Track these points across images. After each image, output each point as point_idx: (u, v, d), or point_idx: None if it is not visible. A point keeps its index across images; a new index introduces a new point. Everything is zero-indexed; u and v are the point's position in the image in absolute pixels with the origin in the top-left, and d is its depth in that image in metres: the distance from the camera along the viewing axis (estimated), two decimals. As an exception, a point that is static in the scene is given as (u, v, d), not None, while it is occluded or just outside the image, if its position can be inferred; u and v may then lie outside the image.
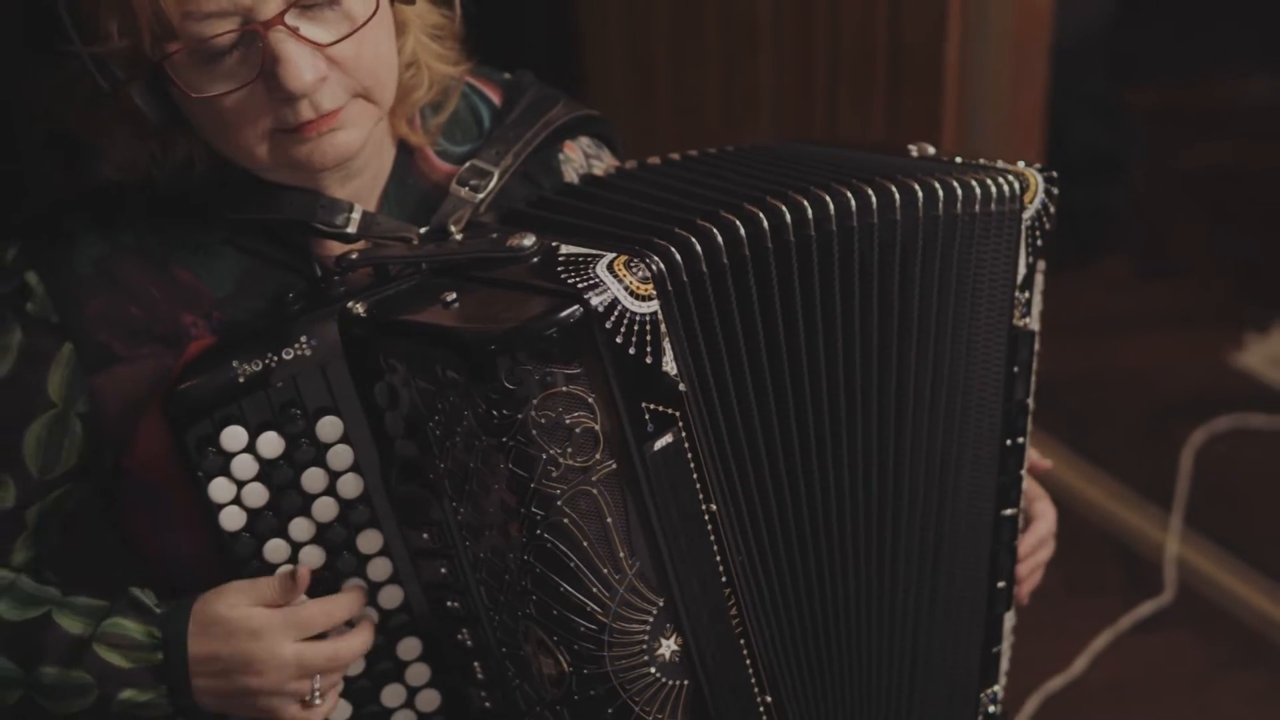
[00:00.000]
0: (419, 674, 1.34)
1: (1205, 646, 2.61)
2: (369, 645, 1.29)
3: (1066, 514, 1.53)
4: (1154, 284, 3.08)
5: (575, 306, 1.15)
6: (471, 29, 1.41)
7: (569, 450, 1.17)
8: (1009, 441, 1.45)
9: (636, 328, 1.17)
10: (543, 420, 1.15)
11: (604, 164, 1.50)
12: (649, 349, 1.19)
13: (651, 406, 1.20)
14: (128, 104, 1.21)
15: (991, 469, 1.44)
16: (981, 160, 1.43)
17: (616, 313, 1.16)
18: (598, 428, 1.17)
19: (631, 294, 1.17)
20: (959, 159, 1.43)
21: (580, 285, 1.16)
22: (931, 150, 1.47)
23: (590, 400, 1.16)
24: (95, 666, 1.24)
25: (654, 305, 1.18)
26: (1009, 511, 1.47)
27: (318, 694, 1.26)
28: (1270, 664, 2.60)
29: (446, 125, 1.40)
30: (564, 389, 1.15)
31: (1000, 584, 1.49)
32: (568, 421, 1.16)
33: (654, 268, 1.20)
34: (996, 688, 1.54)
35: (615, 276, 1.17)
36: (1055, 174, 1.42)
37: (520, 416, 1.15)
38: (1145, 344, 2.38)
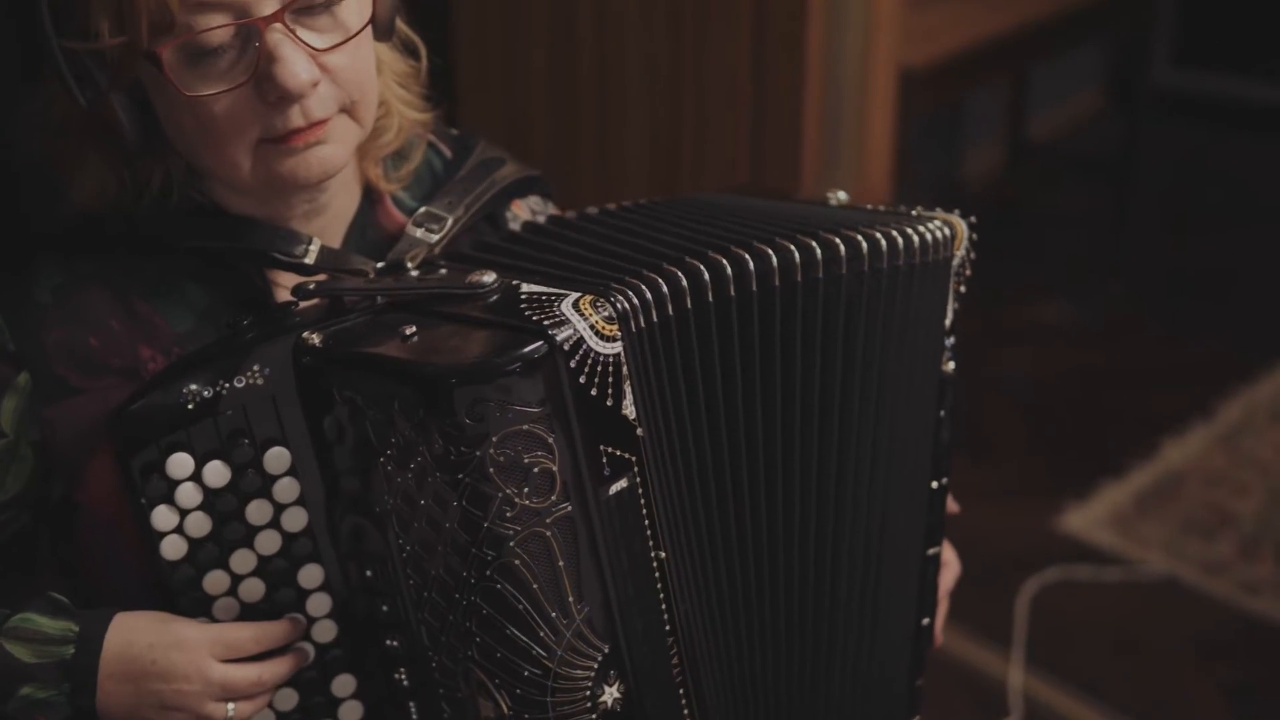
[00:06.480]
0: (352, 711, 1.30)
1: (1050, 762, 2.89)
2: (292, 672, 1.25)
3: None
4: (980, 468, 3.63)
5: (540, 342, 1.12)
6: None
7: (525, 490, 1.14)
8: (934, 484, 1.46)
9: (600, 368, 1.15)
10: (501, 458, 1.13)
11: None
12: (610, 391, 1.17)
13: (609, 450, 1.18)
14: (101, 124, 1.18)
15: (920, 510, 1.46)
16: (902, 208, 1.43)
17: (581, 352, 1.14)
18: (555, 469, 1.14)
19: (596, 333, 1.15)
20: (881, 207, 1.44)
21: (545, 322, 1.14)
22: (845, 196, 1.47)
23: (550, 440, 1.14)
24: None
25: (618, 346, 1.16)
26: (933, 551, 1.49)
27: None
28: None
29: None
30: (524, 427, 1.12)
31: (925, 620, 1.50)
32: (526, 461, 1.13)
33: (619, 307, 1.18)
34: (918, 718, 1.55)
35: (581, 314, 1.15)
36: (974, 219, 1.42)
37: (478, 453, 1.12)
38: (978, 515, 2.64)
